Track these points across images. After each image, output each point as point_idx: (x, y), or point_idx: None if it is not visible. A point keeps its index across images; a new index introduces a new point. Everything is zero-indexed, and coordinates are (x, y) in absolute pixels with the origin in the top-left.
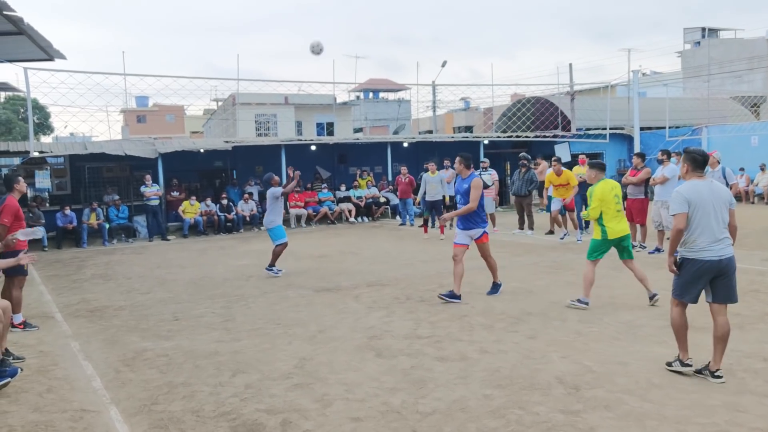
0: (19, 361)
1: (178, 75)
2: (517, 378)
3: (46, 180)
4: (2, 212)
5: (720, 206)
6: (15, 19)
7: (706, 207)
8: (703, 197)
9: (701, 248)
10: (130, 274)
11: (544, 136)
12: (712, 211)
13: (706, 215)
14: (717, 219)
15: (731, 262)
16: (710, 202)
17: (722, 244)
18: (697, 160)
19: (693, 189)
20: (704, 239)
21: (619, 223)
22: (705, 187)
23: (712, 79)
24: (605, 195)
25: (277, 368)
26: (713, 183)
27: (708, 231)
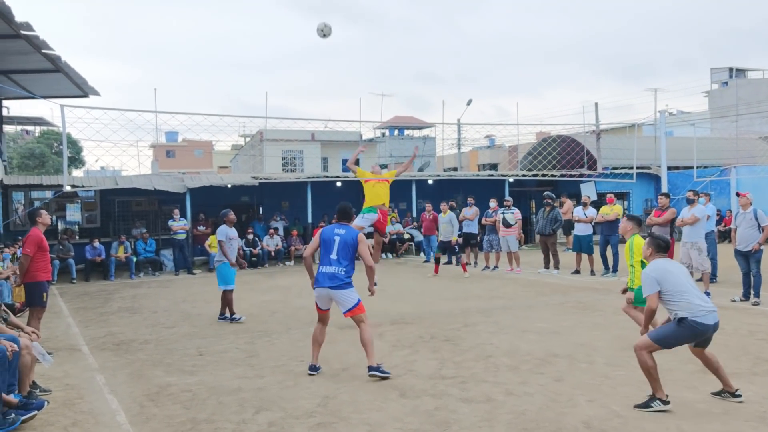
0: (45, 394)
1: (208, 112)
2: (542, 421)
3: (77, 213)
4: (25, 243)
5: (690, 279)
6: (53, 57)
7: (677, 275)
8: (668, 269)
9: (701, 310)
10: (155, 308)
11: (570, 175)
12: (687, 282)
13: (680, 282)
14: (695, 289)
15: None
16: (678, 271)
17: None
18: (660, 245)
19: (657, 266)
20: (696, 299)
21: None
22: (668, 262)
23: (740, 119)
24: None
25: (300, 406)
26: (674, 261)
27: (692, 291)
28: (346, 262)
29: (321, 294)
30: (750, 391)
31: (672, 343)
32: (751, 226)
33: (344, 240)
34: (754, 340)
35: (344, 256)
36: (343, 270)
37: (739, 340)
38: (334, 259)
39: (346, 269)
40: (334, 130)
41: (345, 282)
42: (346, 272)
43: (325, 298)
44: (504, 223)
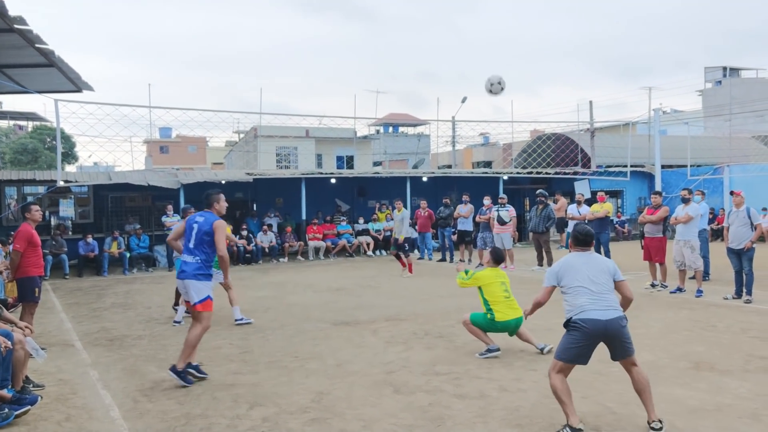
0: (38, 389)
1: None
2: (536, 417)
3: (70, 208)
4: (15, 238)
5: (597, 275)
6: (46, 52)
7: (579, 271)
8: (573, 264)
9: (583, 306)
10: (149, 304)
11: (564, 173)
12: (587, 278)
13: (578, 279)
14: (594, 285)
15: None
16: (583, 268)
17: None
18: (577, 238)
19: (563, 260)
20: (581, 298)
21: (510, 307)
22: (577, 257)
23: (733, 118)
24: (486, 281)
25: (295, 402)
26: (592, 255)
27: (586, 291)
28: (200, 251)
29: (178, 283)
30: (742, 389)
31: (572, 352)
32: (744, 225)
33: (201, 228)
34: (746, 337)
35: (199, 246)
36: (198, 260)
37: (731, 337)
38: (191, 248)
39: (200, 257)
40: (328, 127)
41: (196, 273)
42: (200, 262)
43: (182, 289)
44: (499, 221)
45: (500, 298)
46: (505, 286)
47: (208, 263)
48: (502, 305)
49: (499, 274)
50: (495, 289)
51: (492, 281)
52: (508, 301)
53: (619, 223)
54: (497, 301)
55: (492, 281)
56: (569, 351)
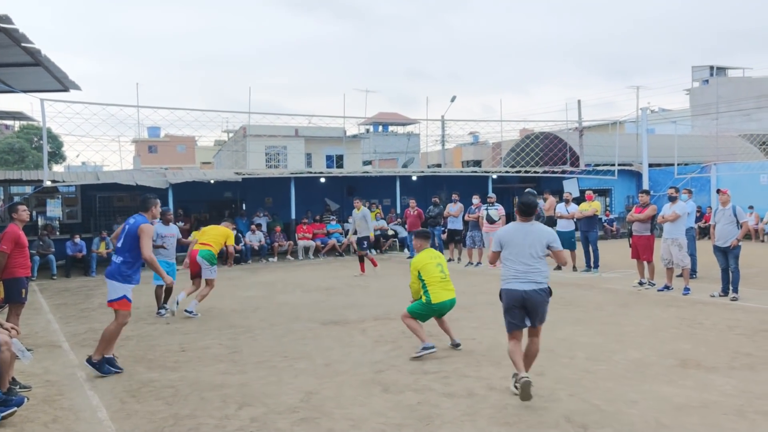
0: (25, 390)
1: (191, 107)
2: (524, 416)
3: (57, 208)
4: (2, 239)
5: (533, 245)
6: (32, 51)
7: (517, 244)
8: (513, 234)
9: (508, 277)
10: (137, 304)
11: (553, 172)
12: (521, 252)
13: (515, 251)
14: (526, 258)
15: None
16: (520, 241)
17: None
18: (521, 209)
19: (507, 228)
20: (510, 269)
21: (446, 288)
22: (519, 227)
23: (720, 117)
24: (422, 263)
25: (283, 402)
26: (533, 225)
27: (517, 262)
28: (125, 252)
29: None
30: (728, 386)
31: (507, 317)
32: (730, 223)
33: (129, 230)
34: (732, 334)
35: (124, 246)
36: (120, 260)
37: (717, 334)
38: (118, 248)
39: (123, 258)
40: (317, 126)
41: (115, 273)
42: (121, 262)
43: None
44: (488, 220)
45: (436, 279)
46: (441, 267)
47: (132, 265)
48: (437, 286)
49: (433, 255)
50: (431, 269)
51: (428, 262)
52: (443, 282)
53: (607, 222)
54: (433, 282)
55: (428, 262)
56: (506, 317)
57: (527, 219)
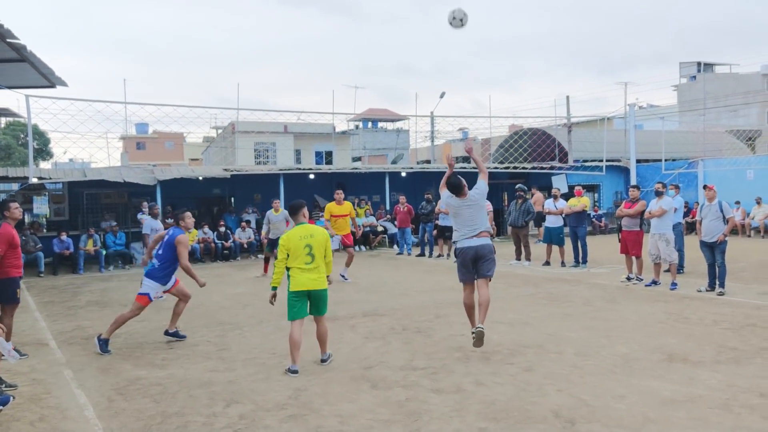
0: (11, 389)
1: (179, 104)
2: (512, 411)
3: (44, 206)
4: None
5: (471, 209)
6: (18, 47)
7: (459, 217)
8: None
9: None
10: (125, 302)
11: (541, 168)
12: (464, 218)
13: (459, 221)
14: (469, 221)
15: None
16: (463, 212)
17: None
18: (451, 184)
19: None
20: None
21: (303, 274)
22: (462, 203)
23: (707, 113)
24: (291, 241)
25: (272, 399)
26: (467, 198)
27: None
28: (163, 259)
29: None
30: (714, 380)
31: (461, 273)
32: (717, 218)
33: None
34: (718, 329)
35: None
36: (158, 263)
37: (703, 329)
38: (158, 254)
39: (160, 263)
40: (306, 122)
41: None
42: (158, 266)
43: None
44: None
45: (300, 263)
46: (309, 249)
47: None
48: (297, 271)
49: (305, 233)
50: (298, 252)
51: (296, 243)
52: (308, 266)
53: (595, 217)
54: (295, 266)
55: (296, 243)
56: (459, 273)
57: (460, 195)
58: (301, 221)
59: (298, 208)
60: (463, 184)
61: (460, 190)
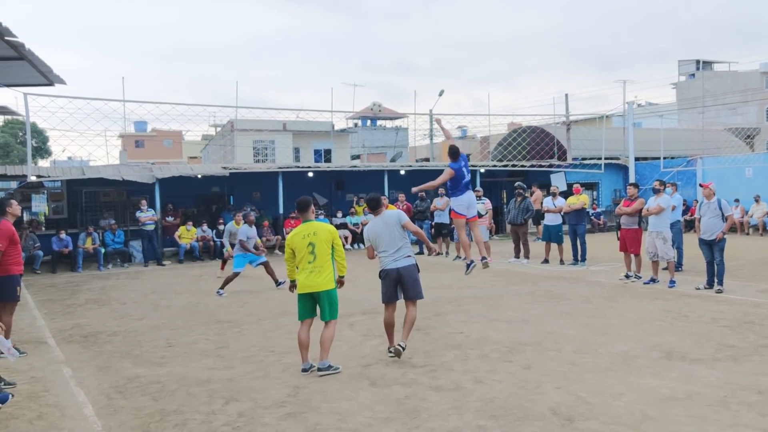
0: (10, 387)
1: (177, 102)
2: (511, 408)
3: (43, 204)
4: None
5: (391, 229)
6: (16, 45)
7: (381, 234)
8: (378, 233)
9: (383, 264)
10: (124, 300)
11: (540, 166)
12: (387, 236)
13: (382, 240)
14: (391, 244)
15: (408, 270)
16: (383, 230)
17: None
18: (369, 204)
19: (372, 230)
20: (385, 259)
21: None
22: (379, 221)
23: (706, 111)
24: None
25: (270, 396)
26: (384, 214)
27: (385, 254)
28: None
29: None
30: (712, 377)
31: (384, 294)
32: (716, 216)
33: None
34: (716, 327)
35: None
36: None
37: (702, 327)
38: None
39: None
40: (305, 120)
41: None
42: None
43: None
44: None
45: (303, 263)
46: (311, 247)
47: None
48: (301, 273)
49: (309, 230)
50: (301, 251)
51: (299, 242)
52: (310, 266)
53: (594, 215)
54: (300, 266)
55: (299, 242)
56: (384, 295)
57: (377, 212)
58: (309, 218)
59: (306, 206)
60: (380, 198)
61: (378, 205)
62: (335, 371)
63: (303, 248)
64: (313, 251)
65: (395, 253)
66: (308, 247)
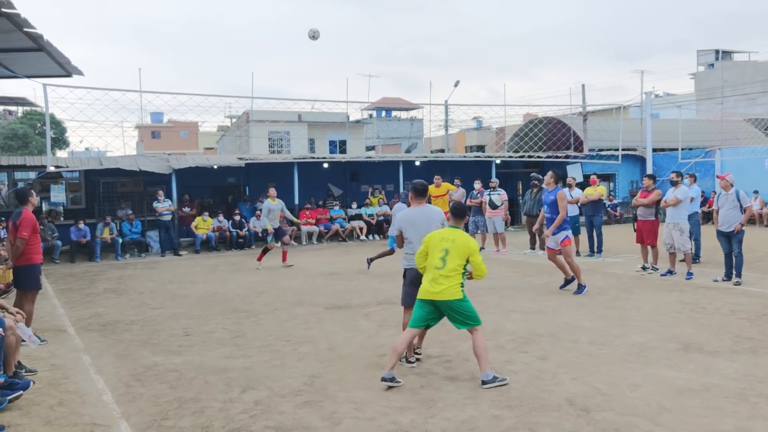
0: (31, 374)
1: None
2: (527, 399)
3: (61, 194)
4: (20, 225)
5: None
6: (35, 36)
7: (419, 228)
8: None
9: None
10: (142, 289)
11: (556, 157)
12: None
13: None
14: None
15: None
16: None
17: None
18: (417, 189)
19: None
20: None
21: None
22: (421, 213)
23: (725, 102)
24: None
25: (287, 385)
26: (427, 207)
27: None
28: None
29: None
30: (730, 369)
31: (410, 296)
32: (734, 207)
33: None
34: (734, 319)
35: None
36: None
37: (720, 319)
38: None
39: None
40: (320, 111)
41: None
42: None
43: None
44: (490, 205)
45: (430, 267)
46: (444, 253)
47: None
48: (426, 276)
49: (447, 237)
50: (433, 254)
51: (436, 243)
52: (437, 272)
53: (611, 207)
54: (427, 270)
55: (436, 243)
56: (408, 296)
57: (421, 201)
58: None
59: (424, 191)
60: (427, 191)
61: (425, 192)
62: (502, 382)
63: (436, 251)
64: (444, 258)
65: None
66: (441, 252)
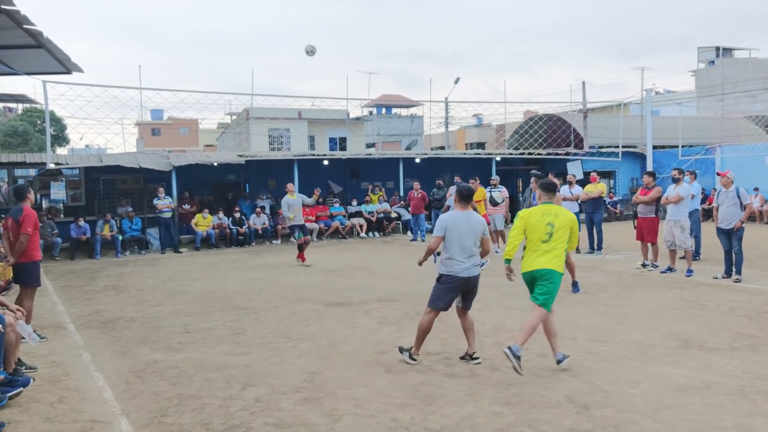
0: (31, 371)
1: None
2: (526, 396)
3: (61, 191)
4: (24, 222)
5: (472, 234)
6: (34, 33)
7: (461, 233)
8: (457, 223)
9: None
10: (142, 286)
11: (557, 154)
12: (466, 238)
13: (457, 238)
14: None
15: (476, 280)
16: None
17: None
18: (462, 194)
19: (449, 216)
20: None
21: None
22: (464, 218)
23: (726, 99)
24: (532, 218)
25: (287, 382)
26: (471, 213)
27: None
28: None
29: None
30: (730, 366)
31: (441, 300)
32: (734, 204)
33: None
34: (734, 316)
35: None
36: None
37: (720, 316)
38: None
39: None
40: (320, 108)
41: None
42: None
43: None
44: (491, 202)
45: (534, 243)
46: (551, 227)
47: None
48: (529, 252)
49: (548, 212)
50: (536, 231)
51: (537, 220)
52: (544, 246)
53: (611, 204)
54: (528, 247)
55: (537, 220)
56: (440, 299)
57: (466, 207)
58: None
59: (470, 195)
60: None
61: (471, 198)
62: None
63: (540, 227)
64: (551, 232)
65: (468, 260)
66: (547, 227)
